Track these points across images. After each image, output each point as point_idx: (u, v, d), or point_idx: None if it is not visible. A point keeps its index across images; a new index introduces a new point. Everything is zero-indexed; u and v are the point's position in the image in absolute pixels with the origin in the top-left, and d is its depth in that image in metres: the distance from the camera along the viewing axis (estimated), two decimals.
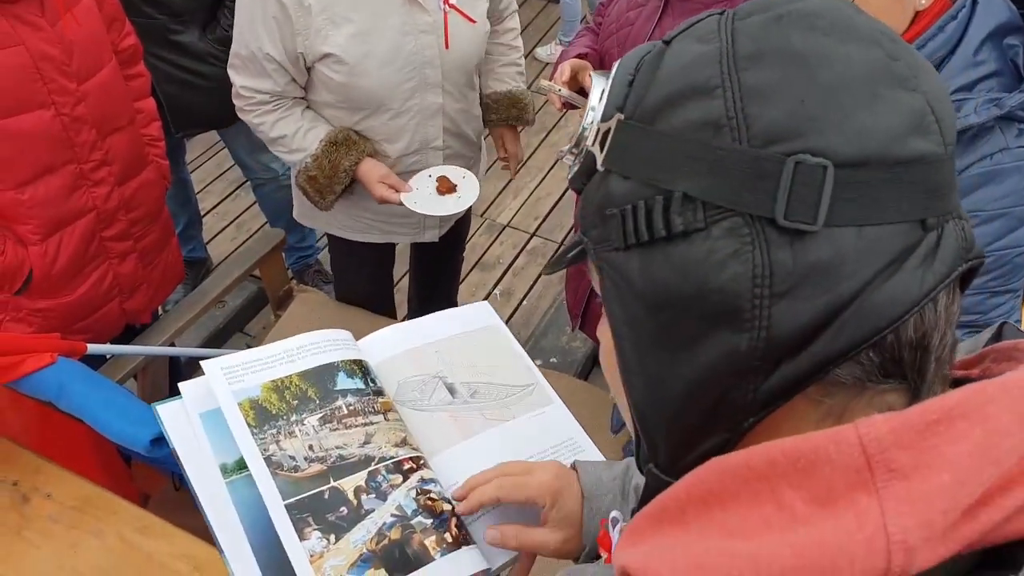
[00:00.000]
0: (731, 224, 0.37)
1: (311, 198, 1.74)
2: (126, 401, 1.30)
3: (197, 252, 2.90)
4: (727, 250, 0.37)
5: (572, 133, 0.46)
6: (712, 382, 0.38)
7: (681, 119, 0.39)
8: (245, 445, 0.80)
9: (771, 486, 0.33)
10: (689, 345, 0.39)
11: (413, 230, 1.91)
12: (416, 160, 1.74)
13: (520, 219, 3.42)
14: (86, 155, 1.56)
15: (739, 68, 0.38)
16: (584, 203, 0.45)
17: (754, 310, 0.36)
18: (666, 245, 0.39)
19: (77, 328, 1.70)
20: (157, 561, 1.22)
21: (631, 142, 0.41)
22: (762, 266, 0.36)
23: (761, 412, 0.38)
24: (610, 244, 0.42)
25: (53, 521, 1.27)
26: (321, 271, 2.94)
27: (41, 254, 1.56)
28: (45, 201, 1.52)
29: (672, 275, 0.38)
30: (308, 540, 0.75)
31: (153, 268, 1.85)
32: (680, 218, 0.38)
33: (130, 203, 1.70)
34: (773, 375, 0.37)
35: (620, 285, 0.41)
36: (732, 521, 0.33)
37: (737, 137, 0.37)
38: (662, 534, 0.36)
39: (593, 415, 1.77)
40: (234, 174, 3.56)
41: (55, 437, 1.46)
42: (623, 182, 0.41)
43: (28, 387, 1.31)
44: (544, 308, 2.99)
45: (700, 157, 0.38)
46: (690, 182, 0.38)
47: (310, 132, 1.65)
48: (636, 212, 0.40)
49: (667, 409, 0.40)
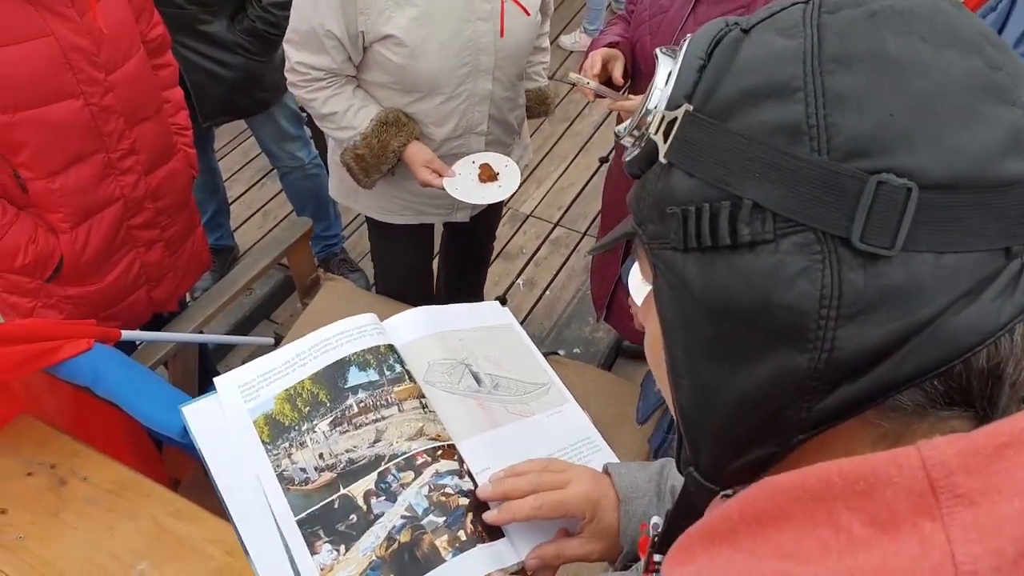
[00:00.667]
0: (802, 239, 0.35)
1: (355, 175, 1.76)
2: (160, 387, 1.32)
3: (224, 240, 2.93)
4: (796, 267, 0.35)
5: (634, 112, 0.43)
6: (766, 397, 0.37)
7: (756, 120, 0.36)
8: (260, 463, 0.81)
9: (827, 508, 0.32)
10: (746, 358, 0.37)
11: (445, 210, 1.93)
12: (459, 144, 1.76)
13: (543, 209, 3.41)
14: (114, 144, 1.58)
15: (824, 71, 0.35)
16: (641, 192, 0.43)
17: (819, 331, 0.35)
18: (730, 253, 0.37)
19: (106, 316, 1.73)
20: (190, 545, 1.24)
21: (699, 138, 0.38)
22: (831, 287, 0.34)
23: (813, 430, 0.37)
24: (668, 243, 0.40)
25: (89, 504, 1.29)
26: (347, 260, 2.96)
27: (71, 242, 1.59)
28: (75, 190, 1.55)
29: (735, 286, 0.37)
30: (319, 554, 0.75)
31: (179, 256, 1.87)
32: (748, 228, 0.36)
33: (157, 192, 1.72)
34: (830, 396, 0.36)
35: (676, 287, 0.40)
36: (787, 543, 0.32)
37: (816, 147, 0.35)
38: (713, 553, 0.35)
39: (618, 406, 1.76)
40: (260, 163, 3.59)
41: (90, 422, 1.49)
42: (687, 179, 0.39)
43: (65, 372, 1.33)
44: (567, 298, 2.99)
45: (774, 164, 0.35)
46: (761, 190, 0.36)
47: (361, 111, 1.67)
48: (700, 215, 0.37)
49: (716, 418, 0.39)
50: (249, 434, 0.82)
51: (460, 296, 2.32)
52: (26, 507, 1.28)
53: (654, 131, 0.41)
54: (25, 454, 1.35)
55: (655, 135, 0.41)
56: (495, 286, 3.03)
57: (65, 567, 1.20)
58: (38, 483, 1.32)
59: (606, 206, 2.07)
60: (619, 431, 1.69)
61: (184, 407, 0.83)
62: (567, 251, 3.20)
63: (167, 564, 1.21)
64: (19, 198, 1.54)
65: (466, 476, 0.83)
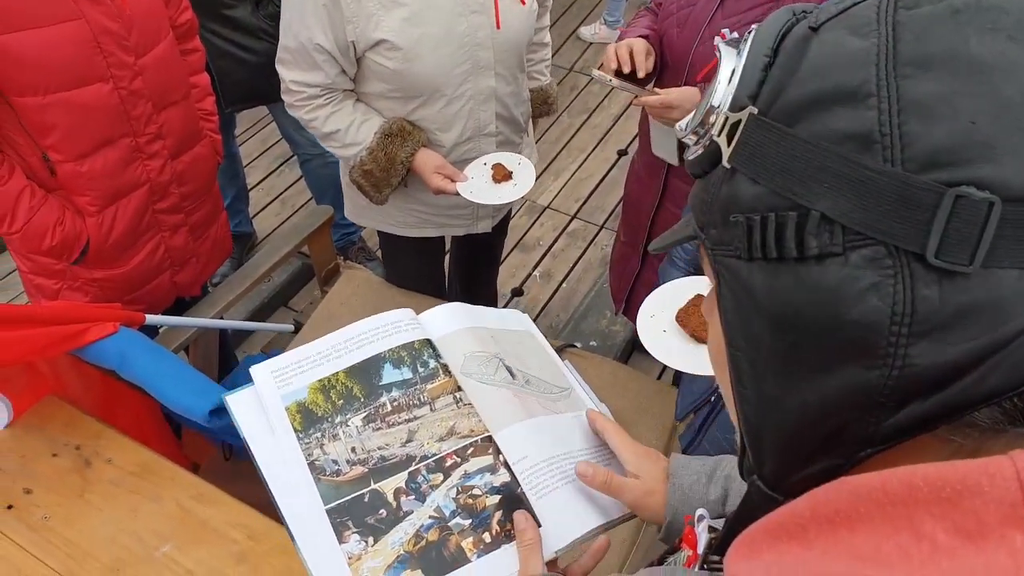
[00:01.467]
0: (872, 253, 0.34)
1: (366, 193, 1.73)
2: (186, 372, 1.33)
3: (243, 226, 2.94)
4: (865, 281, 0.34)
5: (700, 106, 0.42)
6: (832, 412, 0.36)
7: (826, 127, 0.34)
8: (289, 451, 0.82)
9: (908, 513, 0.31)
10: (812, 373, 0.36)
11: (467, 221, 1.89)
12: (470, 148, 1.73)
13: (561, 201, 3.40)
14: (142, 128, 1.58)
15: (899, 75, 0.33)
16: (703, 195, 0.41)
17: (889, 347, 0.34)
18: (796, 265, 0.35)
19: (130, 299, 1.74)
20: (212, 528, 1.25)
21: (764, 144, 0.37)
22: (904, 303, 0.33)
23: (881, 445, 0.36)
24: (731, 250, 0.39)
25: (114, 485, 1.30)
26: (365, 248, 2.97)
27: (97, 225, 1.60)
28: (103, 173, 1.56)
29: (802, 299, 0.35)
30: (346, 543, 0.76)
31: (203, 241, 1.88)
32: (815, 240, 0.35)
33: (182, 177, 1.73)
34: (900, 412, 0.35)
35: (740, 296, 0.39)
36: (862, 546, 0.31)
37: (889, 157, 0.33)
38: (781, 551, 0.34)
39: (636, 399, 1.76)
40: (279, 150, 3.59)
41: (114, 404, 1.50)
42: (752, 186, 0.37)
43: (91, 355, 1.34)
44: (584, 291, 2.98)
45: (844, 174, 0.34)
46: (830, 201, 0.34)
47: (364, 125, 1.63)
48: (765, 225, 0.36)
49: (780, 430, 0.38)
50: (282, 420, 0.83)
51: (473, 294, 2.31)
52: (51, 487, 1.30)
53: (717, 132, 0.39)
54: (51, 435, 1.37)
55: (718, 137, 0.39)
56: (511, 278, 3.03)
57: (90, 547, 1.22)
58: (63, 464, 1.33)
59: (628, 200, 2.05)
60: (637, 424, 1.69)
61: (227, 396, 0.84)
62: (584, 244, 3.19)
63: (190, 547, 1.22)
64: (48, 181, 1.55)
65: (500, 469, 0.83)
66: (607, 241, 3.17)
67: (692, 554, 0.59)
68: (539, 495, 0.82)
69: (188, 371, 1.34)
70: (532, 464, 0.84)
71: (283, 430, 0.83)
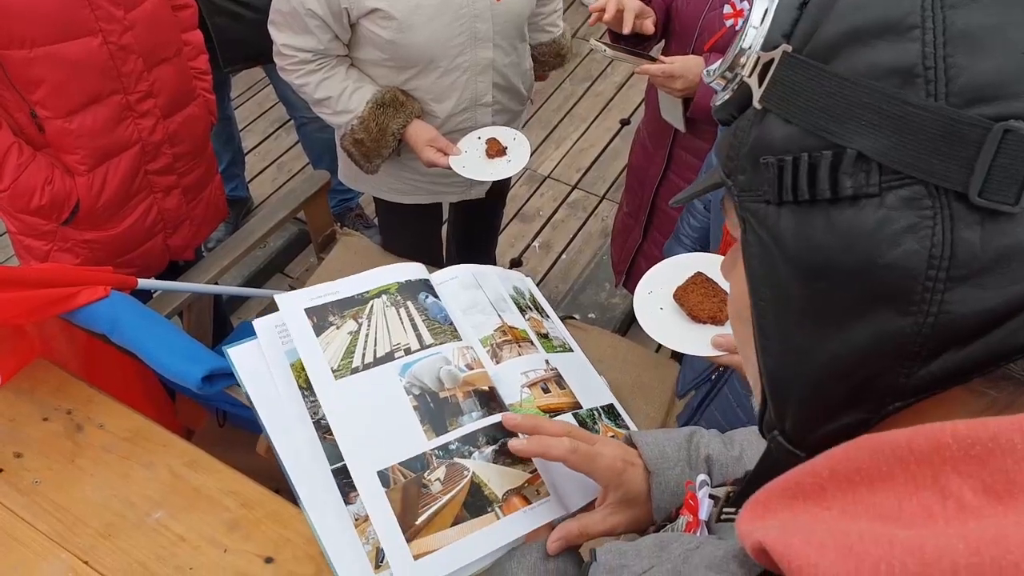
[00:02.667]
0: (910, 193, 0.32)
1: (356, 162, 1.70)
2: (178, 338, 1.31)
3: (239, 191, 2.90)
4: (902, 223, 0.32)
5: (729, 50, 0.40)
6: (862, 362, 0.34)
7: (865, 62, 0.33)
8: (294, 408, 0.80)
9: (934, 471, 0.29)
10: (843, 321, 0.34)
11: (460, 189, 1.86)
12: (465, 118, 1.69)
13: (561, 171, 3.36)
14: (132, 85, 1.54)
15: (945, 4, 0.32)
16: (732, 140, 0.40)
17: (925, 293, 0.32)
18: (828, 207, 0.34)
19: (122, 262, 1.71)
20: (205, 495, 1.24)
21: (799, 82, 0.35)
22: (942, 246, 0.32)
23: (911, 398, 0.34)
24: (760, 195, 0.37)
25: (106, 451, 1.29)
26: (362, 215, 2.93)
27: (88, 185, 1.56)
28: (92, 131, 1.52)
29: (834, 243, 0.34)
30: (352, 504, 0.75)
31: (196, 204, 1.85)
32: (850, 180, 0.33)
33: (175, 137, 1.69)
34: (934, 362, 0.33)
35: (767, 243, 0.37)
36: (883, 504, 0.30)
37: (933, 92, 0.31)
38: (796, 510, 0.33)
39: (635, 372, 1.75)
40: (275, 114, 3.53)
41: (105, 369, 1.48)
42: (784, 126, 0.36)
43: (82, 319, 1.32)
44: (584, 262, 2.95)
45: (884, 111, 0.32)
46: (867, 139, 0.33)
47: (356, 93, 1.59)
48: (797, 165, 0.35)
49: (806, 383, 0.37)
50: (286, 376, 0.82)
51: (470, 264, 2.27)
52: (42, 452, 1.28)
53: (748, 73, 0.38)
54: (41, 399, 1.35)
55: (749, 78, 0.38)
56: (510, 248, 3.00)
57: (81, 513, 1.20)
58: (54, 428, 1.31)
59: (632, 170, 2.02)
60: (636, 397, 1.68)
61: (229, 348, 0.83)
62: (584, 215, 3.15)
63: (183, 514, 1.21)
64: (36, 138, 1.51)
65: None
66: (608, 212, 3.13)
67: (692, 520, 0.57)
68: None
69: (180, 337, 1.31)
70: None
71: (287, 387, 0.82)
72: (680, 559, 0.47)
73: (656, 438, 0.75)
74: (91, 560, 1.14)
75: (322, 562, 1.15)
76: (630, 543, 0.55)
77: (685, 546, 0.48)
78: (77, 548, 1.16)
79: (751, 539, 0.33)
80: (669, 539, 0.51)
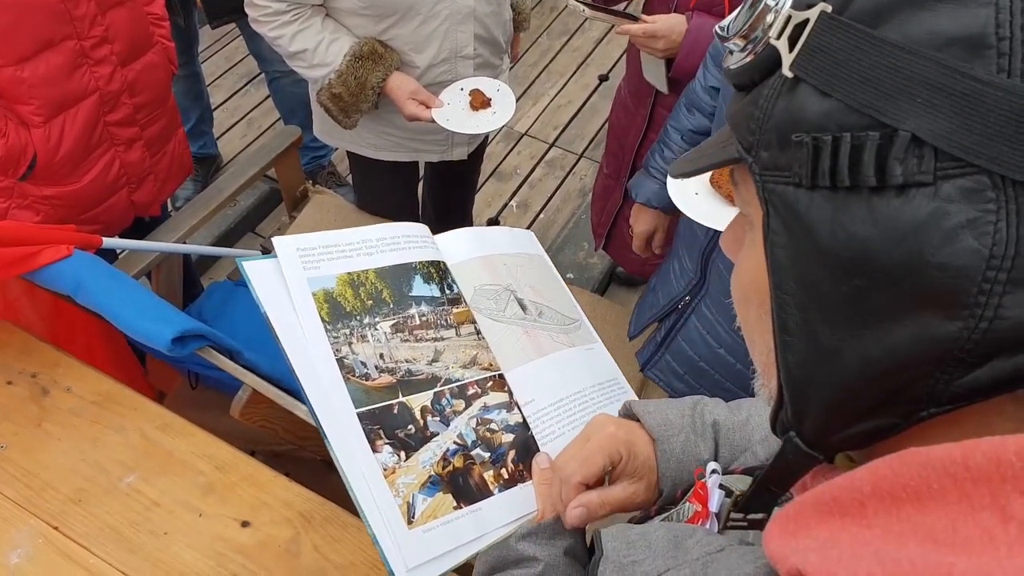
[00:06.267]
0: (972, 184, 0.28)
1: (334, 117, 1.64)
2: (146, 298, 1.26)
3: (208, 148, 2.81)
4: (960, 217, 0.28)
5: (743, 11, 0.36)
6: (898, 368, 0.31)
7: (923, 28, 0.29)
8: (317, 342, 0.76)
9: (992, 491, 0.27)
10: (880, 323, 0.31)
11: (441, 147, 1.82)
12: (445, 71, 1.63)
13: (539, 128, 3.30)
14: (86, 30, 1.47)
15: None
16: (752, 109, 0.35)
17: (980, 296, 0.29)
18: (872, 196, 0.30)
19: (86, 218, 1.65)
20: (179, 459, 1.21)
21: (840, 49, 0.31)
22: (1005, 244, 0.28)
23: (947, 406, 0.31)
24: (788, 176, 0.33)
25: (74, 415, 1.25)
26: (335, 173, 2.86)
27: (44, 137, 1.50)
28: (46, 79, 1.45)
29: (876, 237, 0.30)
30: (380, 453, 0.73)
31: (161, 158, 1.79)
32: (901, 166, 0.29)
33: (134, 86, 1.62)
34: (980, 369, 0.30)
35: (795, 230, 0.33)
36: (936, 524, 0.27)
37: (1006, 67, 0.27)
38: (833, 528, 0.30)
39: (614, 330, 1.75)
40: (244, 68, 3.42)
41: (71, 331, 1.44)
42: (821, 100, 0.31)
43: (44, 279, 1.27)
44: (562, 222, 2.93)
45: (944, 87, 0.28)
46: (923, 120, 0.29)
47: (333, 44, 1.53)
48: (838, 146, 0.30)
49: (834, 386, 0.33)
50: (308, 305, 0.79)
51: (446, 223, 2.23)
52: (7, 416, 1.24)
53: (776, 35, 0.33)
54: (4, 362, 1.30)
55: (777, 40, 0.33)
56: (487, 207, 2.96)
57: (49, 478, 1.17)
58: (19, 392, 1.27)
59: (613, 130, 1.98)
60: (616, 356, 1.67)
61: (244, 262, 0.78)
62: (563, 173, 3.12)
63: (156, 478, 1.19)
64: None
65: (515, 408, 0.82)
66: (586, 171, 3.10)
67: (701, 509, 0.56)
68: (545, 441, 0.80)
69: (148, 297, 1.27)
70: (539, 409, 0.82)
71: (309, 317, 0.78)
72: (699, 564, 0.44)
73: (657, 406, 0.73)
74: (61, 526, 1.12)
75: (299, 524, 1.13)
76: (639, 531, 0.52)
77: (704, 548, 0.45)
78: (47, 514, 1.13)
79: (786, 564, 0.30)
80: (683, 534, 0.49)
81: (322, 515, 1.14)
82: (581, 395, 0.85)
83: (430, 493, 0.73)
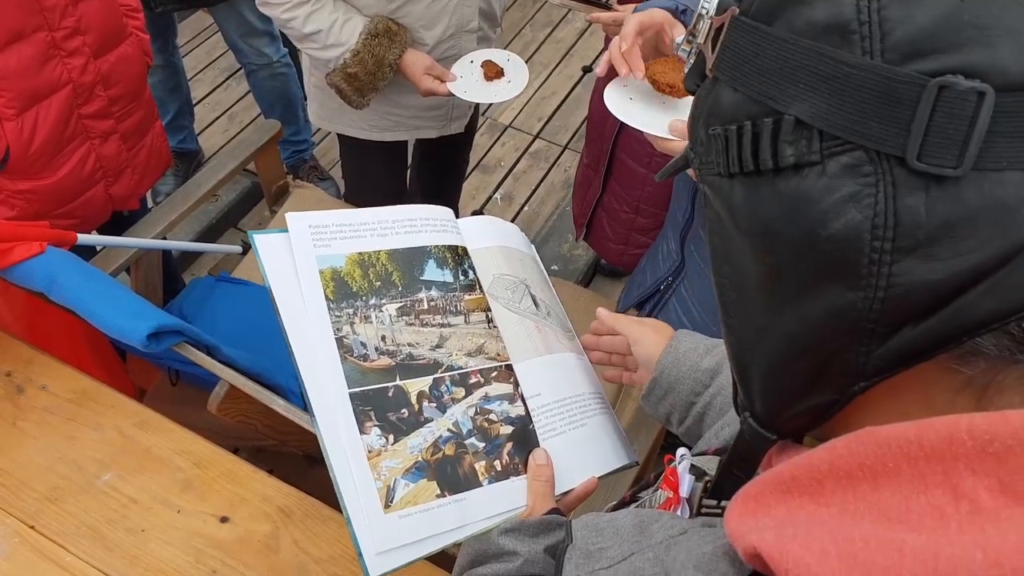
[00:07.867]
0: (851, 160, 0.30)
1: (346, 97, 1.63)
2: (121, 294, 1.25)
3: (188, 143, 2.78)
4: (844, 191, 0.30)
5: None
6: (817, 341, 0.33)
7: (802, 20, 0.31)
8: (318, 320, 0.76)
9: (945, 468, 0.27)
10: (793, 297, 0.33)
11: (440, 122, 1.83)
12: (451, 46, 1.65)
13: (523, 119, 3.29)
14: (57, 21, 1.45)
15: None
16: (693, 111, 0.38)
17: (872, 266, 0.30)
18: (774, 178, 0.32)
19: (62, 213, 1.63)
20: (156, 456, 1.21)
21: (744, 46, 0.33)
22: (884, 215, 0.30)
23: (874, 378, 0.32)
24: (713, 168, 0.35)
25: (49, 413, 1.24)
26: (317, 167, 2.84)
27: (17, 131, 1.47)
28: (17, 71, 1.43)
29: (780, 215, 0.32)
30: (367, 435, 0.72)
31: (138, 151, 1.77)
32: (791, 148, 0.31)
33: (108, 78, 1.60)
34: (891, 339, 0.31)
35: (724, 217, 0.35)
36: (889, 502, 0.28)
37: (868, 49, 0.29)
38: (791, 506, 0.31)
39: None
40: (226, 62, 3.39)
41: (46, 328, 1.42)
42: (732, 95, 0.34)
43: (17, 276, 1.25)
44: (546, 214, 2.92)
45: (819, 72, 0.30)
46: (805, 103, 0.31)
47: (347, 24, 1.52)
48: (741, 135, 0.33)
49: (764, 362, 0.35)
50: (313, 282, 0.78)
51: None
52: None
53: (702, 39, 0.36)
54: None
55: (704, 44, 0.36)
56: (472, 200, 2.95)
57: (25, 477, 1.16)
58: None
59: (592, 121, 1.97)
60: None
61: (256, 235, 0.78)
62: (547, 165, 3.11)
63: (133, 475, 1.18)
64: None
65: (518, 400, 0.81)
66: (571, 163, 3.09)
67: (672, 496, 0.56)
68: (546, 437, 0.79)
69: (123, 292, 1.26)
70: (544, 403, 0.82)
71: (313, 294, 0.77)
72: (662, 547, 0.45)
73: (695, 333, 0.83)
74: (38, 524, 1.11)
75: (278, 519, 1.13)
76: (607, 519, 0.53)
77: (667, 531, 0.46)
78: (22, 512, 1.12)
79: (744, 541, 0.31)
80: (649, 519, 0.49)
81: (302, 510, 1.14)
82: (582, 399, 0.85)
83: (413, 479, 0.72)
